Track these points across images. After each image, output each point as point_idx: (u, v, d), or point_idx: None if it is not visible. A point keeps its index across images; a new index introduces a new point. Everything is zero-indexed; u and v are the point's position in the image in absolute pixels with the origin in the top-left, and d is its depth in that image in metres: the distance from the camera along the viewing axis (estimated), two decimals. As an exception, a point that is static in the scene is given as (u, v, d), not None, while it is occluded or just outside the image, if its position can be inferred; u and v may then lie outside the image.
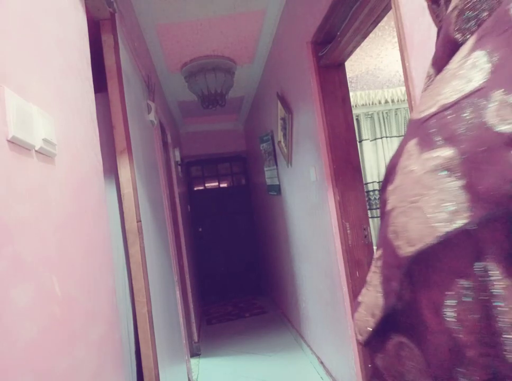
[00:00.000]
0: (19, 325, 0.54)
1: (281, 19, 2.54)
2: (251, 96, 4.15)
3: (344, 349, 2.12)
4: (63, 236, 0.73)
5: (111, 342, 0.96)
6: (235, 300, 4.93)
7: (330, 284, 2.22)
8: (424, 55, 1.03)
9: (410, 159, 0.39)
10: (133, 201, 1.45)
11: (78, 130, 0.90)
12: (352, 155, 1.97)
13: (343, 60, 1.95)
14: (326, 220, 2.13)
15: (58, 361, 0.65)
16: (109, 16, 1.49)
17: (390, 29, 2.80)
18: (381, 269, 0.41)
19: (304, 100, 2.25)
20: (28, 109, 0.64)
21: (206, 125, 5.16)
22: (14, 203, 0.56)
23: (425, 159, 0.37)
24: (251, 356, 3.14)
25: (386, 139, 4.67)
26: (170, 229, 2.51)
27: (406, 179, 0.39)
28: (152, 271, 1.67)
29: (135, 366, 1.46)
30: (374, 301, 0.42)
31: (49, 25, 0.81)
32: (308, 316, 2.85)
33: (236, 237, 5.28)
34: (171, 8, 2.31)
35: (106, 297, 0.96)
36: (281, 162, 3.11)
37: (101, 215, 1.00)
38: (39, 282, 0.61)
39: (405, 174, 0.40)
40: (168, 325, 2.01)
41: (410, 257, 0.37)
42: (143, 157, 1.83)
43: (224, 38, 2.80)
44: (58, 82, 0.82)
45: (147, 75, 2.32)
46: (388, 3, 1.34)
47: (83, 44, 1.06)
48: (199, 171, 5.30)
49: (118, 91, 1.47)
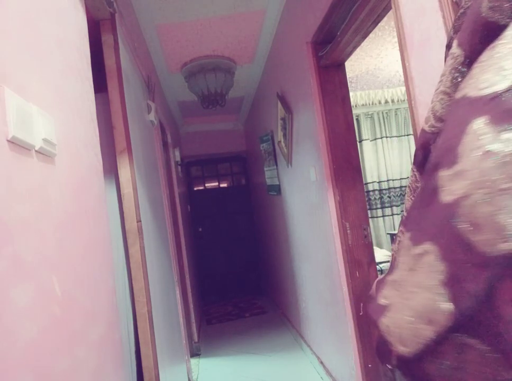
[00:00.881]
0: (19, 325, 0.54)
1: (281, 19, 2.54)
2: (251, 96, 4.14)
3: (344, 349, 2.12)
4: (63, 236, 0.73)
5: (111, 342, 0.96)
6: (235, 300, 4.93)
7: (330, 284, 2.22)
8: (425, 55, 1.03)
9: (481, 140, 0.35)
10: (133, 201, 1.45)
11: (78, 130, 0.90)
12: (352, 155, 1.97)
13: (343, 60, 1.95)
14: (326, 220, 2.13)
15: (58, 361, 0.65)
16: (109, 16, 1.49)
17: (390, 29, 2.80)
18: (446, 267, 0.35)
19: (304, 100, 2.25)
20: (28, 109, 0.64)
21: (206, 125, 5.16)
22: (14, 203, 0.56)
23: (508, 139, 0.33)
24: (251, 356, 3.14)
25: (386, 139, 4.67)
26: (170, 229, 2.51)
27: (481, 162, 0.34)
28: (152, 271, 1.67)
29: (135, 366, 1.46)
30: (431, 306, 0.36)
31: (49, 25, 0.81)
32: (308, 316, 2.85)
33: (236, 237, 5.28)
34: (171, 8, 2.31)
35: (106, 297, 0.96)
36: (281, 162, 3.11)
37: (101, 215, 1.00)
38: (39, 282, 0.61)
39: (479, 157, 0.35)
40: (168, 325, 2.01)
41: (506, 256, 0.31)
42: (143, 157, 1.83)
43: (223, 38, 2.80)
44: (58, 82, 0.82)
45: (147, 75, 2.32)
46: (388, 3, 1.34)
47: (83, 44, 1.06)
48: (199, 171, 5.30)
49: (118, 91, 1.47)
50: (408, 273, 0.40)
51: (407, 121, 4.67)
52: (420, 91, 1.07)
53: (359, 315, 1.89)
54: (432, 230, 0.38)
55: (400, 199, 4.69)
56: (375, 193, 4.61)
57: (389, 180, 4.65)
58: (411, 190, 0.59)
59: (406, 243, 0.44)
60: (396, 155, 4.68)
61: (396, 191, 4.66)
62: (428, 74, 1.02)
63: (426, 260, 0.37)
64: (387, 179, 4.64)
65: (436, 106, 0.51)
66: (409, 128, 4.63)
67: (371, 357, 1.89)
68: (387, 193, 4.63)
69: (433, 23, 0.97)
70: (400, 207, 4.69)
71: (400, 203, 4.69)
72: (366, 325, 1.90)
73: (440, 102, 0.50)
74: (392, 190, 4.64)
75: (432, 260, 0.37)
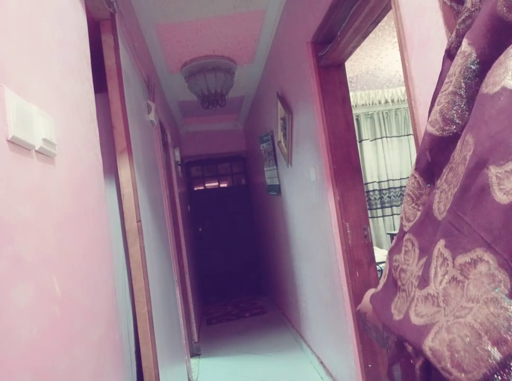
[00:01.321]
0: (19, 325, 0.54)
1: (281, 19, 2.54)
2: (251, 96, 4.14)
3: (344, 349, 2.12)
4: (63, 236, 0.73)
5: (111, 342, 0.96)
6: (235, 300, 4.92)
7: (330, 284, 2.22)
8: (425, 55, 1.03)
9: None
10: (133, 201, 1.45)
11: (78, 130, 0.90)
12: (352, 155, 1.97)
13: (343, 60, 1.95)
14: (326, 220, 2.13)
15: (59, 361, 0.65)
16: (109, 16, 1.49)
17: (390, 29, 2.80)
18: (509, 276, 0.31)
19: (304, 100, 2.25)
20: (28, 109, 0.64)
21: (206, 125, 5.16)
22: (14, 203, 0.56)
23: None
24: (251, 356, 3.14)
25: (386, 139, 4.67)
26: (170, 229, 2.51)
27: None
28: (152, 271, 1.67)
29: (135, 366, 1.46)
30: (496, 323, 0.31)
31: (49, 25, 0.81)
32: (308, 316, 2.85)
33: (236, 237, 5.27)
34: (171, 8, 2.31)
35: (106, 297, 0.96)
36: (281, 162, 3.11)
37: (101, 215, 1.00)
38: (39, 282, 0.61)
39: None
40: (169, 325, 2.01)
41: None
42: (143, 157, 1.83)
43: (224, 38, 2.80)
44: (58, 82, 0.82)
45: (147, 75, 2.32)
46: (388, 3, 1.34)
47: (83, 44, 1.06)
48: (199, 171, 5.30)
49: (118, 91, 1.47)
50: (452, 286, 0.36)
51: (407, 121, 4.67)
52: (420, 91, 1.07)
53: (359, 315, 1.89)
54: (484, 235, 0.34)
55: (400, 199, 4.69)
56: (375, 193, 4.61)
57: (389, 180, 4.65)
58: (412, 198, 0.56)
59: (438, 252, 0.40)
60: (396, 155, 4.68)
61: (396, 191, 4.66)
62: (428, 74, 1.02)
63: (479, 270, 0.33)
64: (387, 179, 4.64)
65: (445, 107, 0.50)
66: (409, 128, 4.63)
67: (371, 357, 1.89)
68: (387, 193, 4.63)
69: (433, 23, 0.97)
70: (401, 208, 4.69)
71: (400, 204, 4.69)
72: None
73: (450, 104, 0.49)
74: (392, 190, 4.64)
75: (489, 269, 0.33)
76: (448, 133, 0.49)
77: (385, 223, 4.60)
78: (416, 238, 0.51)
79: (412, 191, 0.56)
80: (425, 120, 1.05)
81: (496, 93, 0.39)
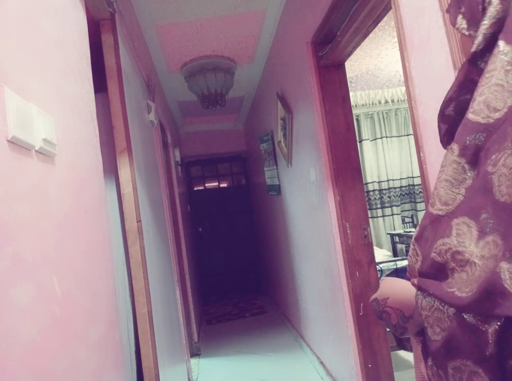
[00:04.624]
0: (19, 325, 0.54)
1: (281, 19, 2.54)
2: (251, 96, 4.14)
3: (344, 349, 2.12)
4: (63, 236, 0.73)
5: (111, 342, 0.96)
6: (235, 300, 4.93)
7: (330, 284, 2.22)
8: (425, 55, 1.03)
9: None
10: (133, 201, 1.45)
11: (77, 130, 0.90)
12: (352, 155, 1.97)
13: (343, 60, 1.95)
14: (326, 220, 2.13)
15: (59, 361, 0.65)
16: (109, 16, 1.49)
17: (390, 29, 2.80)
18: None
19: (304, 100, 2.25)
20: (28, 109, 0.64)
21: (206, 125, 5.16)
22: (14, 203, 0.56)
23: None
24: (251, 356, 3.14)
25: (386, 139, 4.68)
26: (170, 229, 2.51)
27: None
28: (152, 271, 1.67)
29: (135, 366, 1.46)
30: None
31: (49, 25, 0.81)
32: (308, 316, 2.85)
33: (236, 237, 5.27)
34: (171, 8, 2.31)
35: (106, 297, 0.96)
36: (281, 162, 3.11)
37: (101, 215, 1.00)
38: (39, 282, 0.61)
39: None
40: (168, 325, 2.01)
41: None
42: (143, 157, 1.83)
43: (224, 38, 2.80)
44: (58, 82, 0.82)
45: (147, 75, 2.32)
46: (388, 3, 1.34)
47: (83, 44, 1.06)
48: (199, 171, 5.30)
49: (118, 91, 1.47)
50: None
51: (407, 121, 4.67)
52: (420, 91, 1.07)
53: (359, 315, 1.90)
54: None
55: (400, 199, 4.69)
56: (375, 193, 4.61)
57: (389, 180, 4.65)
58: (452, 183, 0.60)
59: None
60: (396, 155, 4.68)
61: (396, 191, 4.66)
62: (428, 74, 1.02)
63: None
64: (387, 179, 4.65)
65: (489, 97, 0.56)
66: (409, 128, 4.63)
67: (371, 358, 1.89)
68: (387, 193, 4.64)
69: (433, 23, 0.97)
70: (401, 207, 4.68)
71: (400, 203, 4.69)
72: (365, 326, 1.90)
73: (494, 94, 0.56)
74: (392, 190, 4.64)
75: None
76: (493, 120, 0.56)
77: (385, 223, 4.60)
78: (473, 221, 0.55)
79: (453, 176, 0.60)
80: (425, 120, 1.05)
81: None
